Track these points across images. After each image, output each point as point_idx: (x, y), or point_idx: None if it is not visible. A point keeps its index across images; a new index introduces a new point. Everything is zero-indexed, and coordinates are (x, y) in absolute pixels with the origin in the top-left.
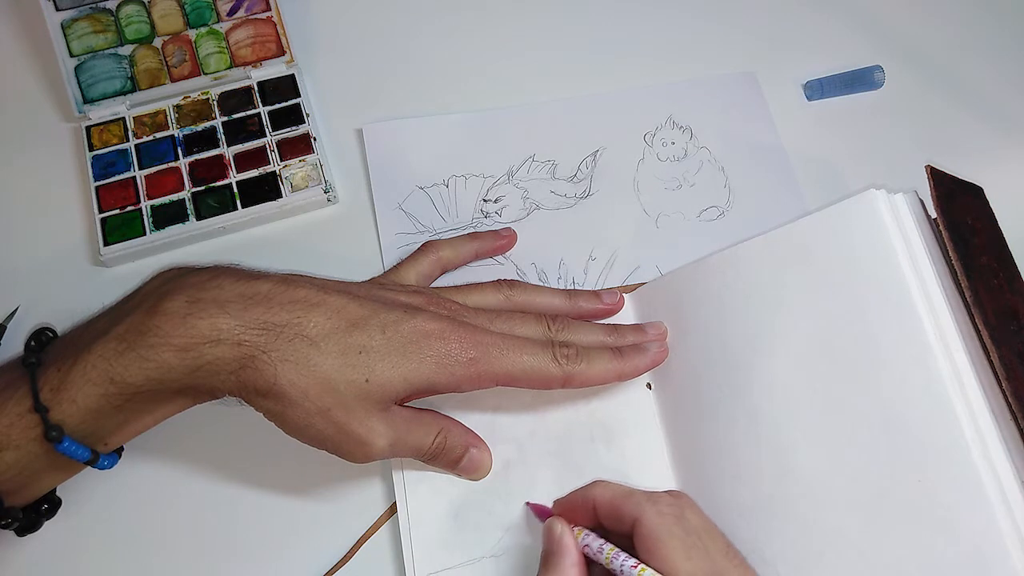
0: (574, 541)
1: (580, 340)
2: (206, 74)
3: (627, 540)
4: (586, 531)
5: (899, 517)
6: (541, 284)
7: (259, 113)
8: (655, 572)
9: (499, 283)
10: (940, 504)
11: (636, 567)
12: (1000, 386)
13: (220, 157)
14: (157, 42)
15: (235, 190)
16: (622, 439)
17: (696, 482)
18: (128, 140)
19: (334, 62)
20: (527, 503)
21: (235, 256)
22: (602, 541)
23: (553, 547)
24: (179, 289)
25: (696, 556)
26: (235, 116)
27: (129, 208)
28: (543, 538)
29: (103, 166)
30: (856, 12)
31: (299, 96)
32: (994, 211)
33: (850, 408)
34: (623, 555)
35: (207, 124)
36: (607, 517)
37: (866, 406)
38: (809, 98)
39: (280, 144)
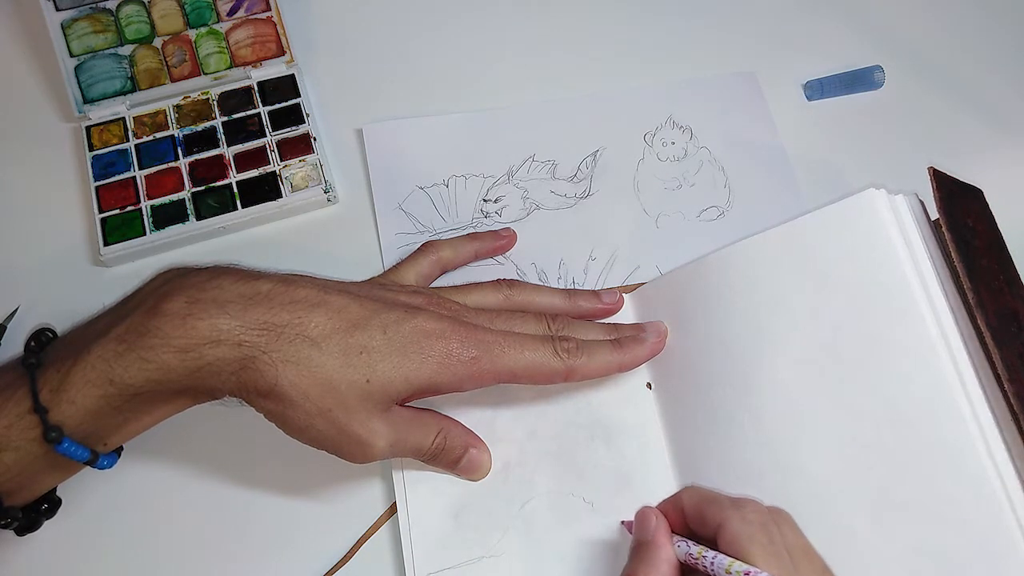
0: (668, 536)
1: (580, 336)
2: (206, 74)
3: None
4: (676, 536)
5: (906, 513)
6: (541, 284)
7: (259, 113)
8: (744, 564)
9: (499, 283)
10: (947, 499)
11: (727, 560)
12: (1001, 388)
13: (220, 157)
14: (157, 42)
15: (235, 190)
16: (622, 439)
17: (697, 482)
18: (128, 140)
19: (334, 62)
20: (622, 522)
21: (235, 256)
22: (692, 543)
23: (647, 536)
24: (179, 290)
25: (780, 566)
26: (235, 116)
27: (129, 208)
28: (634, 529)
29: (103, 166)
30: (856, 12)
31: (299, 96)
32: (993, 213)
33: (854, 406)
34: (712, 552)
35: (207, 124)
36: (694, 521)
37: (870, 404)
38: (809, 98)
39: (280, 144)
